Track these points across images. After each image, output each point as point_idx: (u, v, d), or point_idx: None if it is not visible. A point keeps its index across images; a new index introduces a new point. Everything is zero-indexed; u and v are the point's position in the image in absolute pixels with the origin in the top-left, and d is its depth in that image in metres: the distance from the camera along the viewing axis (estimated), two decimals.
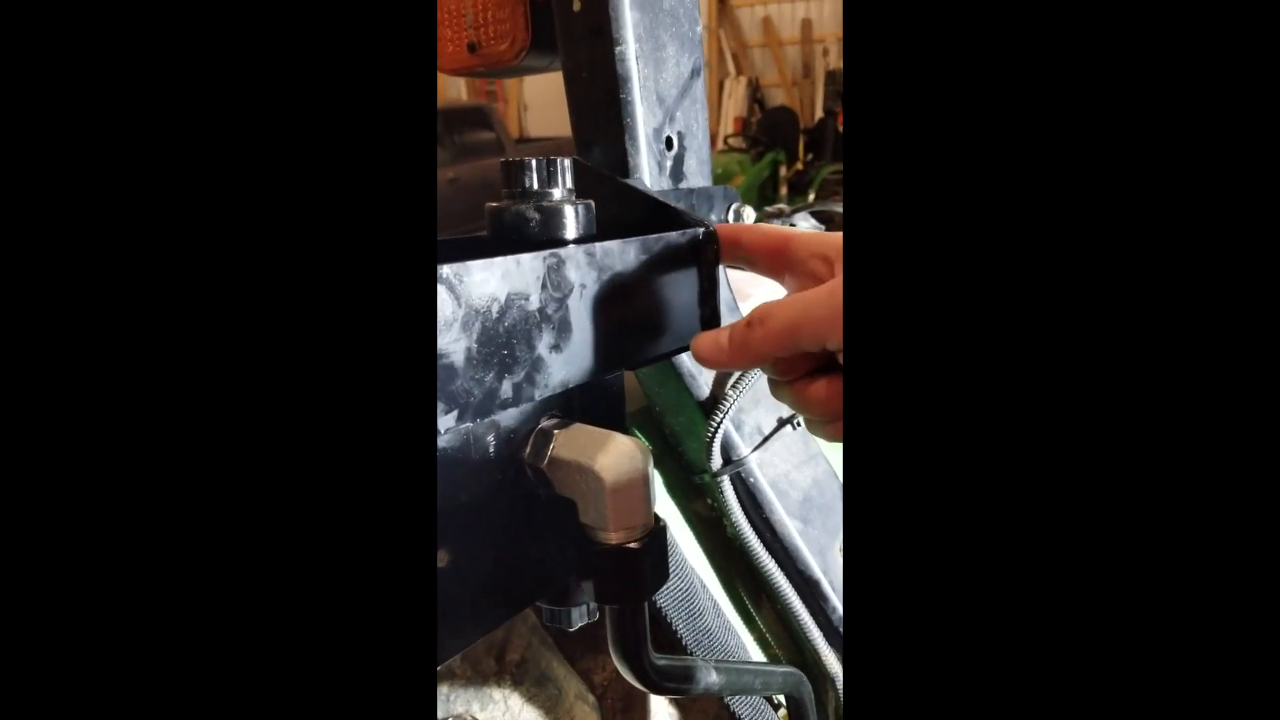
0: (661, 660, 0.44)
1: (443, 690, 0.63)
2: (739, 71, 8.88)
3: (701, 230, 0.45)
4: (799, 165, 6.09)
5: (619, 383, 0.47)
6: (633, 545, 0.37)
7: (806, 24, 8.80)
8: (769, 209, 1.11)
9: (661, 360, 0.47)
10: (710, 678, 0.48)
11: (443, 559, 0.35)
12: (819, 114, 6.90)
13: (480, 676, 0.64)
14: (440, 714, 0.61)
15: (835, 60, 8.25)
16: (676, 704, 0.72)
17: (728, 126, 7.66)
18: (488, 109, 6.71)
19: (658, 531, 0.39)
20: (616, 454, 0.37)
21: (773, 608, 0.69)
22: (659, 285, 0.42)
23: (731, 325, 0.39)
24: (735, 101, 8.15)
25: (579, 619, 0.47)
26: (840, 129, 5.65)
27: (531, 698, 0.65)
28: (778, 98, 8.53)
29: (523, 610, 0.41)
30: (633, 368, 0.44)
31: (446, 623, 0.36)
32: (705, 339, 0.40)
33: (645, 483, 0.38)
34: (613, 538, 0.37)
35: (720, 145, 6.33)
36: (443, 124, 5.76)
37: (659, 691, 0.44)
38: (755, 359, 0.38)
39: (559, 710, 0.66)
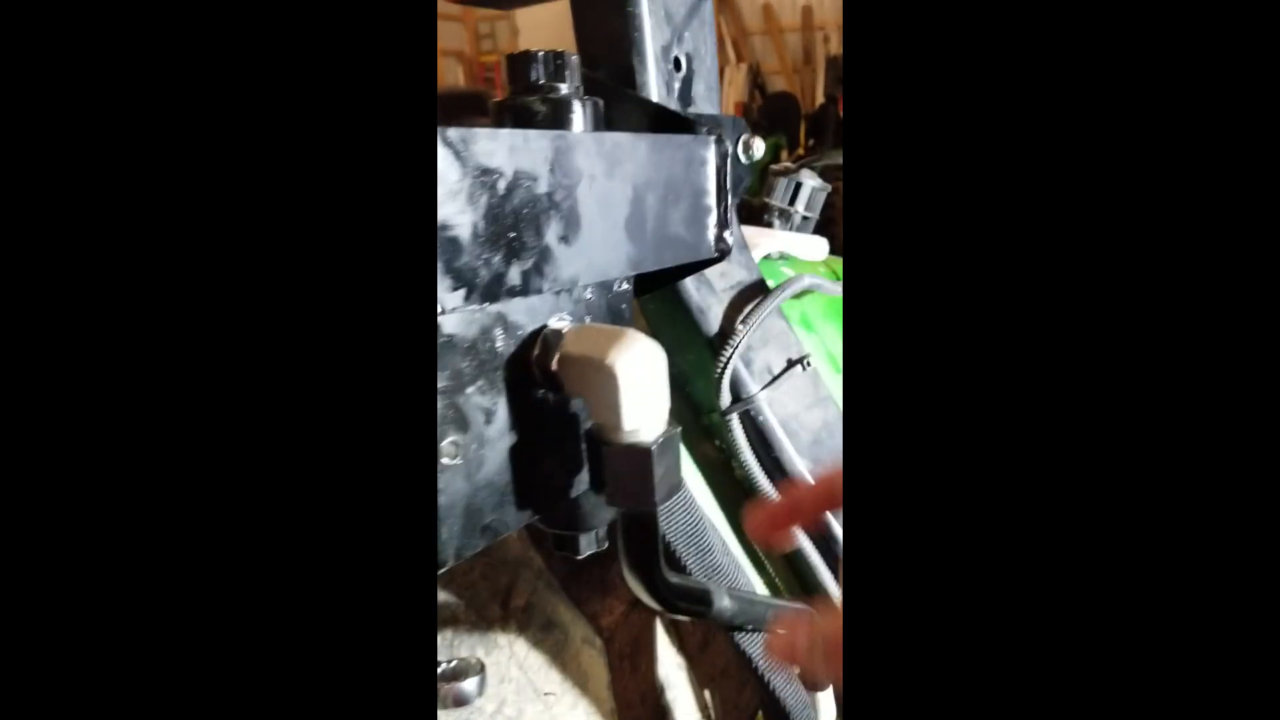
0: (675, 578, 0.42)
1: (447, 635, 0.61)
2: (739, 59, 8.83)
3: (715, 135, 0.43)
4: (801, 150, 6.09)
5: (628, 314, 0.46)
6: (647, 444, 0.36)
7: (807, 10, 8.74)
8: (775, 167, 1.12)
9: (672, 270, 0.45)
10: (723, 602, 0.46)
11: (451, 452, 0.33)
12: (820, 100, 6.89)
13: (485, 622, 0.63)
14: (444, 658, 0.59)
15: (836, 47, 8.22)
16: (683, 652, 0.71)
17: (729, 112, 7.64)
18: (486, 95, 6.69)
19: (672, 435, 0.38)
20: (631, 349, 0.35)
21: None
22: (670, 186, 0.41)
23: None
24: (736, 88, 8.11)
25: (587, 546, 0.45)
26: (841, 115, 5.64)
27: (537, 643, 0.64)
28: (778, 84, 8.49)
29: (529, 521, 0.40)
30: (643, 271, 0.42)
31: (451, 525, 0.35)
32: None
33: (661, 381, 0.37)
34: (626, 436, 0.36)
35: None
36: (440, 111, 5.73)
37: (671, 610, 0.42)
38: None
39: (565, 655, 0.65)
